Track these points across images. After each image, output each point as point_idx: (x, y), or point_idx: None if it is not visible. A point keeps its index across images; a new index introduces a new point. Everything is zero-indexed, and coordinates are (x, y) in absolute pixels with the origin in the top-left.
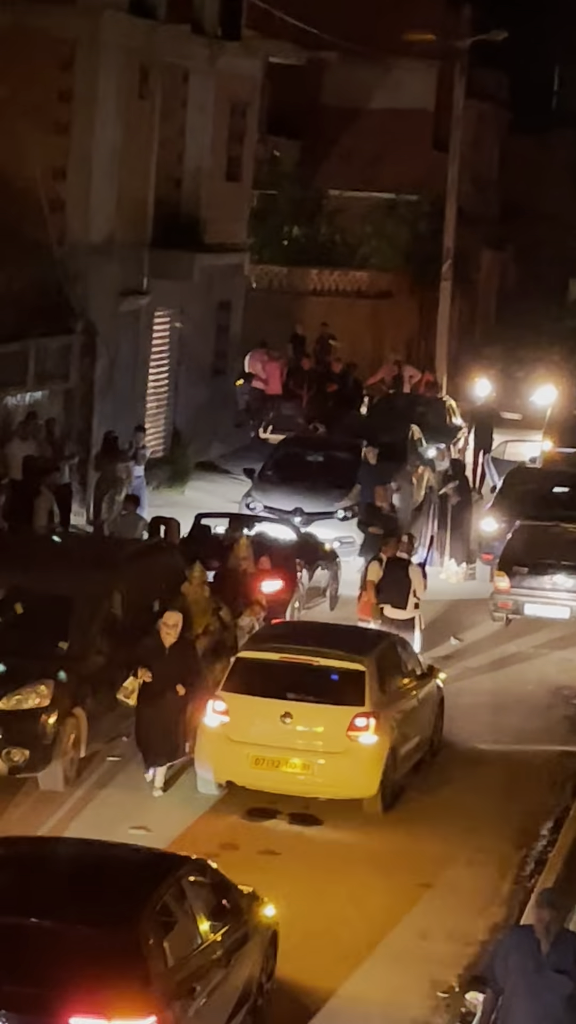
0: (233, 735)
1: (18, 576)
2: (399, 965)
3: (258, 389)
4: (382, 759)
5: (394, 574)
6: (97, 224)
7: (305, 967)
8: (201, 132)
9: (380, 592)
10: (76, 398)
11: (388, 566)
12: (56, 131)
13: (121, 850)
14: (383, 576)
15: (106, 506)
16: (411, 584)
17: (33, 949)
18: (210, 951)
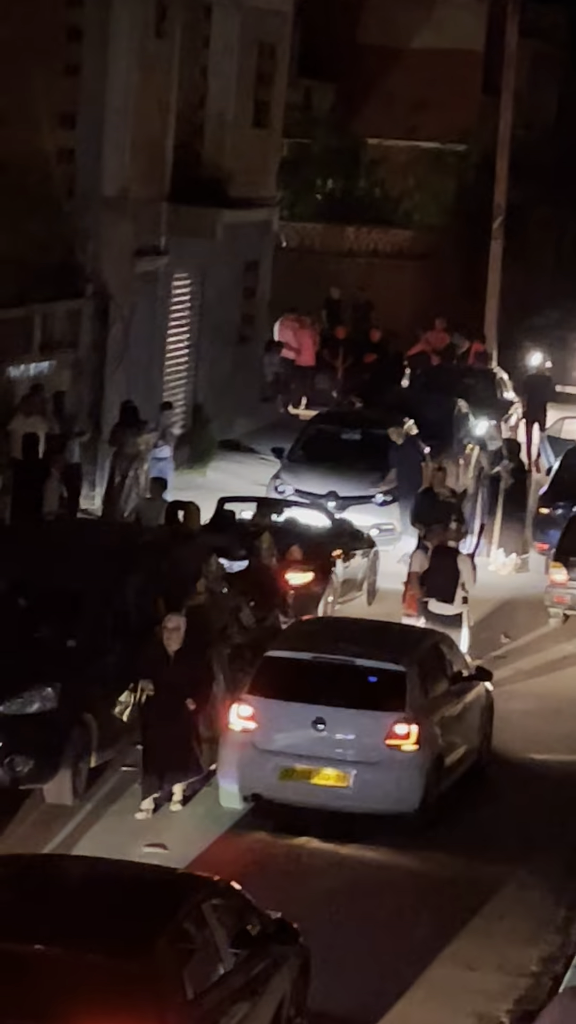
0: (260, 743)
1: (23, 567)
2: (443, 998)
3: (288, 360)
4: (424, 770)
5: (441, 565)
6: (109, 176)
7: (340, 1000)
8: (225, 74)
9: (425, 584)
10: (86, 369)
11: (435, 556)
12: (64, 73)
13: (135, 870)
14: (429, 567)
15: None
16: (460, 576)
17: (38, 979)
18: (234, 982)
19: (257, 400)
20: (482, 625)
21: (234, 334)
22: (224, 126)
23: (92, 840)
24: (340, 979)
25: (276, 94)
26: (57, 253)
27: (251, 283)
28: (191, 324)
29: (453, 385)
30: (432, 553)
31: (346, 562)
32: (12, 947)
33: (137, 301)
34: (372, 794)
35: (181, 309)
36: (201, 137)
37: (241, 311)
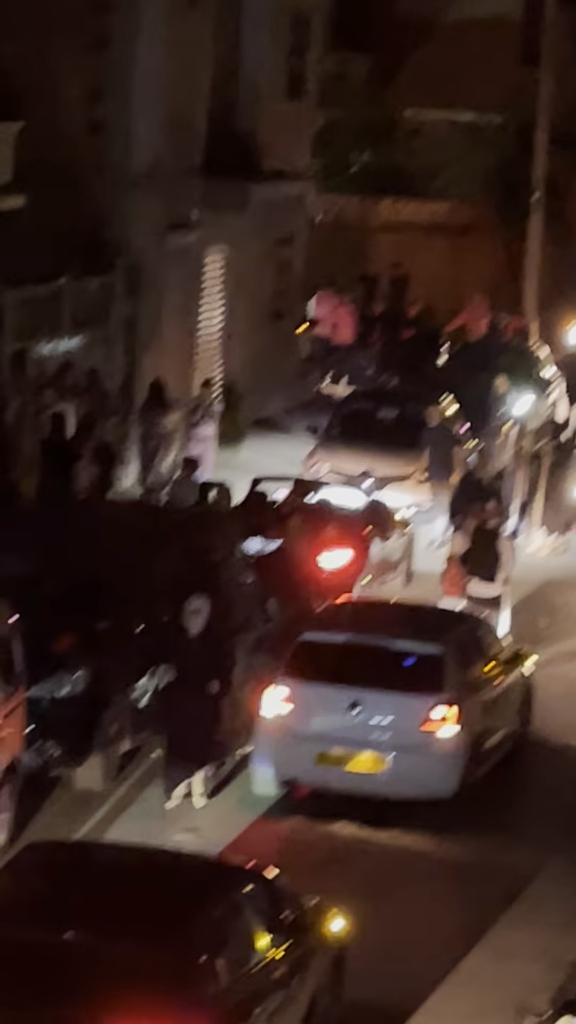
0: (295, 728)
1: (52, 549)
2: (480, 987)
3: (324, 337)
4: (462, 755)
5: (482, 546)
6: (141, 150)
7: (376, 989)
8: (259, 45)
9: (465, 565)
10: (117, 346)
11: (475, 537)
12: (93, 46)
13: (168, 857)
14: (469, 548)
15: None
16: (500, 557)
17: (70, 968)
18: (269, 970)
19: (292, 377)
20: (521, 607)
21: (268, 310)
22: (257, 98)
23: (123, 826)
24: (376, 967)
25: (311, 65)
26: (87, 228)
27: (285, 258)
28: (224, 300)
29: (492, 361)
30: (472, 534)
31: (382, 543)
32: (44, 935)
33: (169, 276)
34: (409, 779)
35: (213, 284)
36: (234, 109)
37: (275, 286)
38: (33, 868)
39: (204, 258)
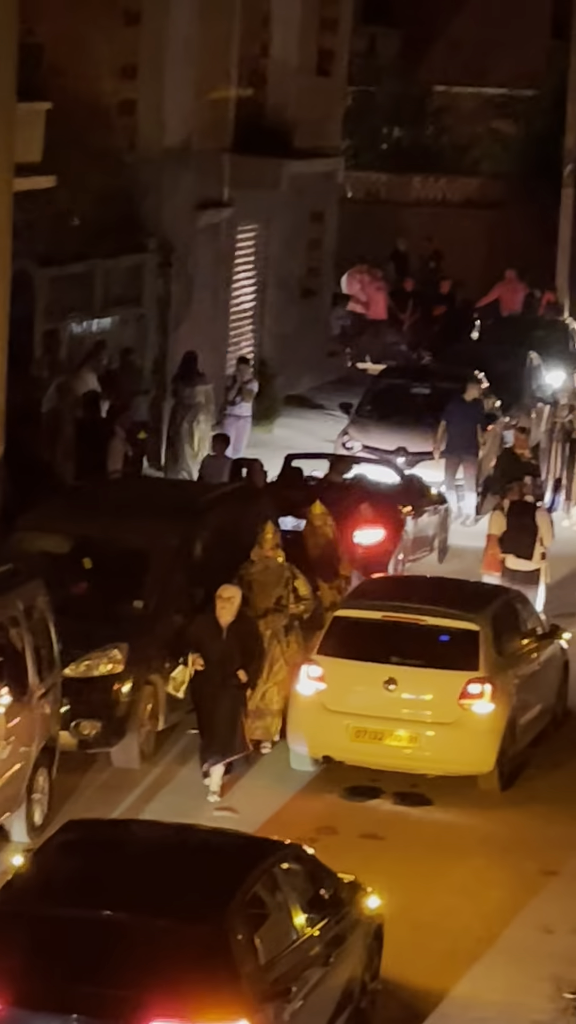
0: (330, 704)
1: (87, 527)
2: (519, 962)
3: (356, 313)
4: (499, 730)
5: (519, 521)
6: (171, 128)
7: (414, 965)
8: (288, 21)
9: (503, 541)
10: (150, 324)
11: (512, 512)
12: (124, 22)
13: (205, 835)
14: (507, 523)
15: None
16: (538, 532)
17: (109, 945)
18: (307, 947)
19: (324, 355)
20: (558, 582)
21: (299, 287)
22: (288, 75)
23: (161, 804)
24: (414, 942)
25: (340, 41)
26: (119, 207)
27: (316, 235)
28: (256, 277)
29: (524, 337)
30: (509, 509)
31: (416, 519)
32: (82, 912)
33: (200, 254)
34: (445, 755)
35: (245, 262)
36: (264, 86)
37: (306, 264)
38: (71, 846)
39: (236, 236)
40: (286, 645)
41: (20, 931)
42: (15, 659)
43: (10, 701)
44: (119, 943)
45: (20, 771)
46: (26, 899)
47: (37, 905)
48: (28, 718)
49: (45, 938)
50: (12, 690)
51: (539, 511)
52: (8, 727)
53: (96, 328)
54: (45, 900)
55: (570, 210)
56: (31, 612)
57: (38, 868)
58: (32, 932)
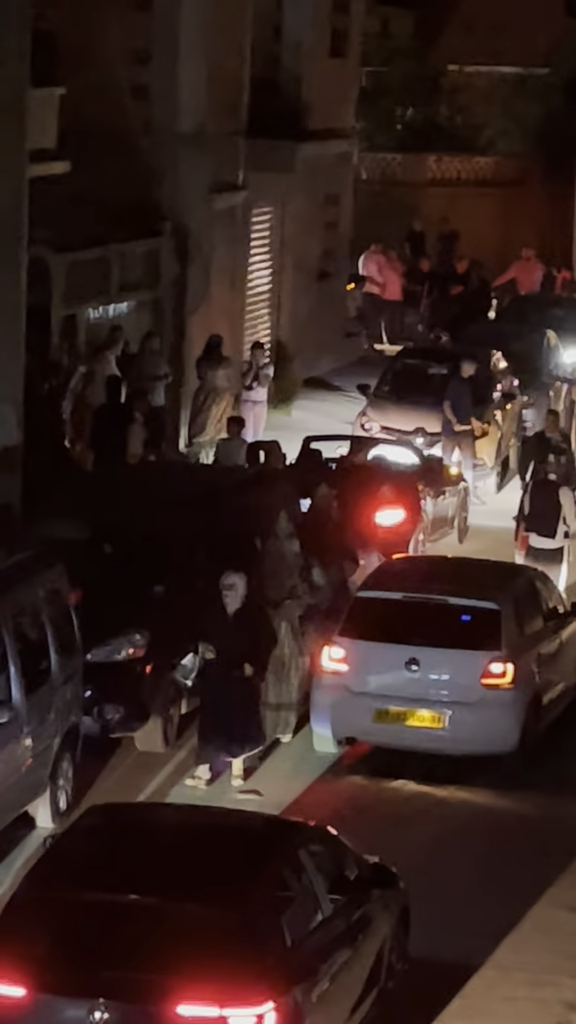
0: (353, 686)
1: (107, 514)
2: (547, 942)
3: (373, 294)
4: (522, 709)
5: (543, 500)
6: (185, 111)
7: (440, 945)
8: (301, 2)
9: (528, 519)
10: (166, 309)
11: (535, 490)
12: (136, 7)
13: (230, 817)
14: (531, 501)
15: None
16: (561, 510)
17: (135, 929)
18: (333, 929)
19: (341, 336)
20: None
21: (315, 269)
22: (301, 57)
23: (184, 788)
24: (441, 923)
25: (354, 22)
26: (134, 192)
27: (332, 217)
28: (272, 260)
29: (542, 316)
30: (533, 487)
31: (436, 499)
32: (108, 897)
33: (216, 238)
34: (468, 735)
35: (261, 245)
36: (277, 69)
37: (322, 246)
38: (96, 831)
39: (251, 219)
40: (302, 636)
41: (46, 916)
42: (37, 645)
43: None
44: (145, 927)
45: (44, 757)
46: (51, 884)
47: (62, 890)
48: (51, 703)
49: (71, 923)
50: (35, 675)
51: (563, 489)
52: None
53: (113, 313)
54: (70, 885)
55: None
56: (53, 598)
57: (63, 853)
58: (58, 917)
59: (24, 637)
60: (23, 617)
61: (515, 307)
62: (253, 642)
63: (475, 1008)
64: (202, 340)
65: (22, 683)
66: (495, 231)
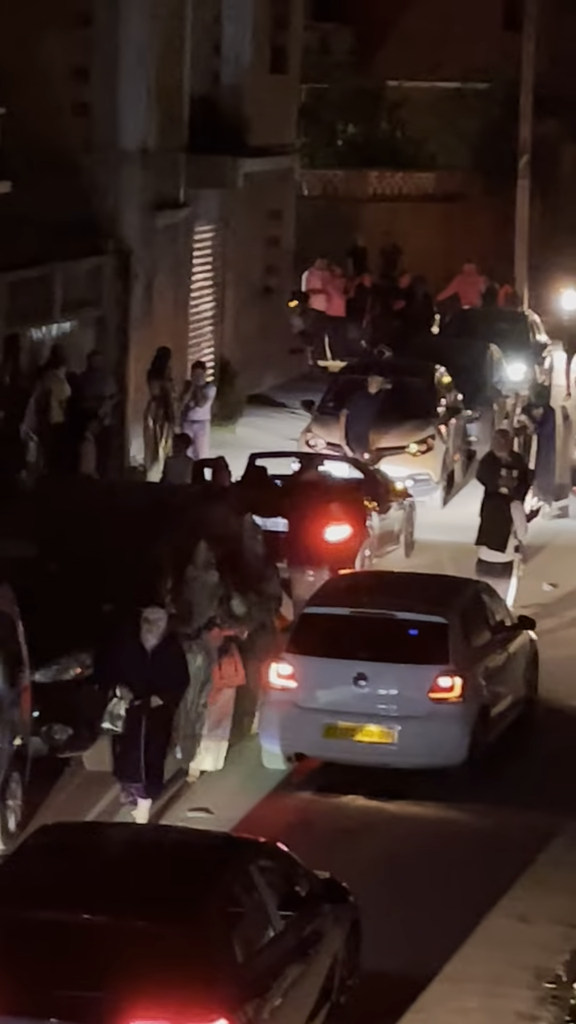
0: (301, 702)
1: (55, 530)
2: (498, 953)
3: (317, 311)
4: (470, 722)
5: (493, 512)
6: (127, 128)
7: (392, 958)
8: (240, 18)
9: (478, 533)
10: (109, 327)
11: (487, 504)
12: (76, 23)
13: (180, 835)
14: (481, 515)
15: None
16: (512, 524)
17: (85, 947)
18: (284, 944)
19: (285, 353)
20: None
21: (259, 285)
22: (241, 72)
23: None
24: (393, 937)
25: (293, 38)
26: (76, 209)
27: (274, 233)
28: (215, 276)
29: (485, 330)
30: (485, 500)
31: (382, 514)
32: (59, 916)
33: (159, 255)
34: (418, 749)
35: (204, 262)
36: (218, 85)
37: (265, 262)
38: (45, 850)
39: (193, 236)
40: (219, 667)
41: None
42: None
43: None
44: (96, 945)
45: None
46: (2, 904)
47: (12, 910)
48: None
49: (21, 943)
50: None
51: (514, 503)
52: None
53: (56, 332)
54: (21, 904)
55: (526, 201)
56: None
57: (12, 873)
58: (8, 937)
59: None
60: None
61: (458, 321)
62: (167, 676)
63: (428, 1021)
64: (146, 358)
65: None
66: (437, 245)
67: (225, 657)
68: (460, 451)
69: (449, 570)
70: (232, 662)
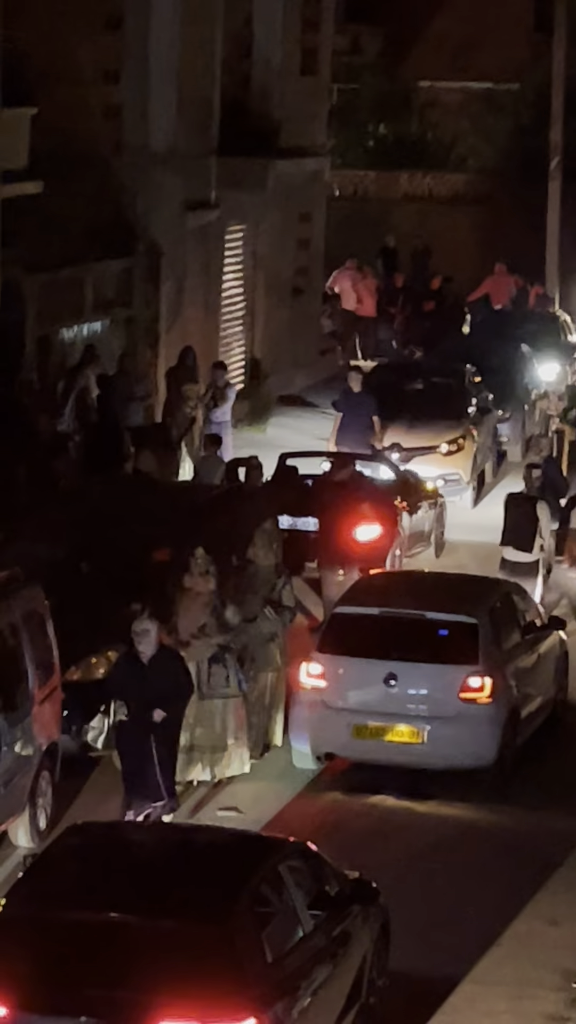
0: (331, 702)
1: (85, 531)
2: (527, 954)
3: (347, 311)
4: (500, 723)
5: (519, 513)
6: (157, 131)
7: (421, 960)
8: (271, 21)
9: (503, 533)
10: (140, 328)
11: (511, 504)
12: (107, 27)
13: (210, 834)
14: (506, 515)
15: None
16: (538, 523)
17: (116, 947)
18: (314, 945)
19: (316, 353)
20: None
21: (289, 286)
22: (271, 75)
23: None
24: (421, 938)
25: (323, 40)
26: (107, 211)
27: (304, 234)
28: (245, 278)
29: (516, 330)
30: (510, 501)
31: (412, 514)
32: (89, 915)
33: (189, 256)
34: (447, 749)
35: (234, 263)
36: (248, 87)
37: (295, 263)
38: (76, 850)
39: (224, 237)
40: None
41: (27, 935)
42: (15, 664)
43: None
44: (126, 945)
45: (22, 776)
46: (32, 903)
47: (44, 909)
48: (29, 723)
49: (52, 942)
50: (12, 696)
51: (539, 503)
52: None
53: (87, 333)
54: (51, 904)
55: (557, 203)
56: (30, 618)
57: (43, 872)
58: (39, 936)
59: (1, 656)
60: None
61: (489, 322)
62: (170, 689)
63: (456, 1023)
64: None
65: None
66: (468, 246)
67: (215, 666)
68: (491, 451)
69: (479, 570)
70: (222, 672)
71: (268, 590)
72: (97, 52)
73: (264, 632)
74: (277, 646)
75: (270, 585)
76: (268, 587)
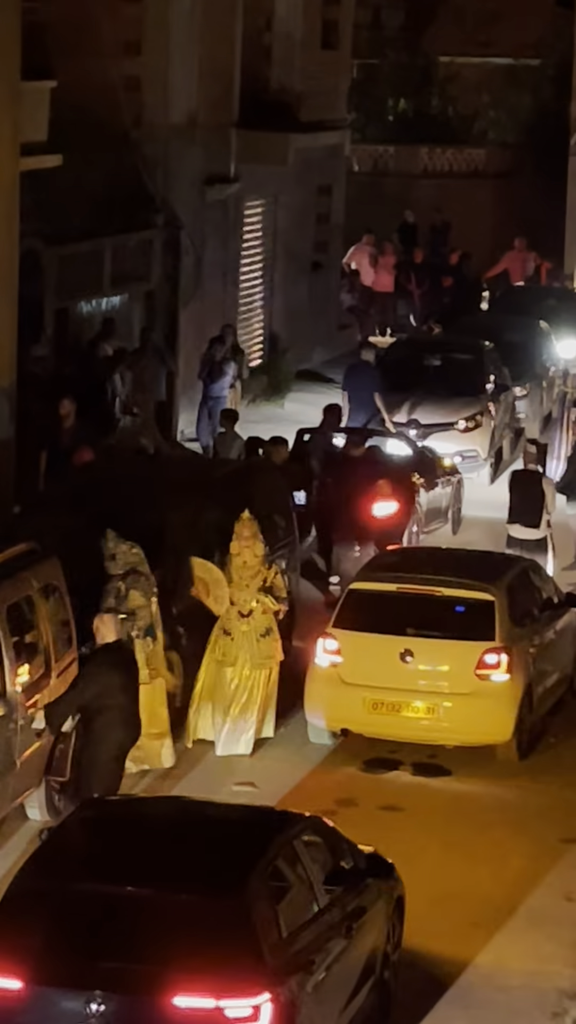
0: (347, 677)
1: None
2: (542, 930)
3: (366, 286)
4: (516, 699)
5: (525, 490)
6: (177, 103)
7: (436, 935)
8: None
9: (509, 511)
10: (159, 302)
11: (517, 481)
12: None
13: (226, 809)
14: (512, 493)
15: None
16: (544, 500)
17: (131, 921)
18: (329, 919)
19: (334, 328)
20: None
21: (308, 261)
22: (292, 48)
23: (180, 780)
24: (436, 913)
25: (344, 13)
26: (126, 185)
27: (324, 208)
28: (264, 252)
29: (535, 306)
30: (515, 479)
31: (429, 491)
32: (103, 888)
33: (208, 230)
34: (463, 725)
35: (253, 237)
36: (269, 60)
37: (315, 238)
38: (92, 823)
39: (243, 211)
40: None
41: (42, 908)
42: (34, 637)
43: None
44: (141, 919)
45: (39, 749)
46: (47, 876)
47: (58, 882)
48: (47, 696)
49: (67, 915)
50: (31, 668)
51: (545, 479)
52: (27, 705)
53: (106, 306)
54: (66, 877)
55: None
56: (48, 591)
57: (59, 845)
58: (54, 909)
59: (19, 630)
60: (17, 610)
61: (508, 298)
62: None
63: (471, 998)
64: (195, 333)
65: (16, 676)
66: (487, 222)
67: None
68: (508, 428)
69: (496, 547)
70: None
71: (259, 583)
72: (117, 25)
73: (260, 628)
74: (273, 639)
75: (260, 577)
76: (259, 580)
